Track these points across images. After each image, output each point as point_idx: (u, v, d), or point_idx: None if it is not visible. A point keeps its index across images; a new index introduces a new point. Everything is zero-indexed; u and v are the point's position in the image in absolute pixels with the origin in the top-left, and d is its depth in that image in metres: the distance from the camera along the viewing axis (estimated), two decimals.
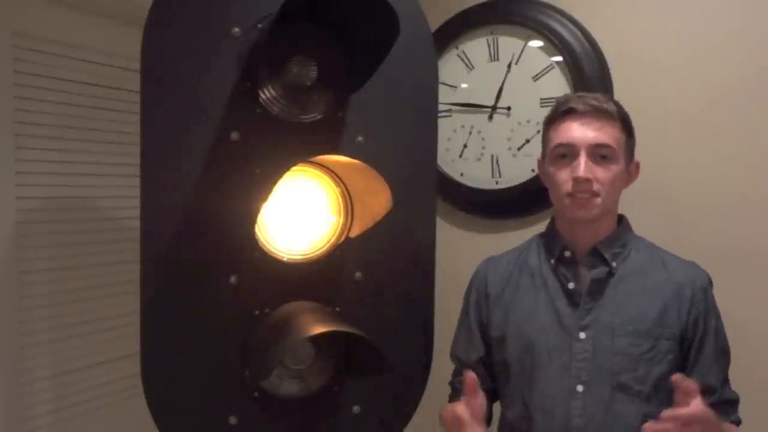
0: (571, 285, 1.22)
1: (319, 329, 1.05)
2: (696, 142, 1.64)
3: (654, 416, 1.04)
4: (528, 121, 1.89)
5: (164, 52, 1.07)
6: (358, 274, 1.23)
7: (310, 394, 1.20)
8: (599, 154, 1.18)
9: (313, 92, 1.15)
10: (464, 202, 1.98)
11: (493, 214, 1.95)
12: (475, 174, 1.95)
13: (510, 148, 1.91)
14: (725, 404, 1.20)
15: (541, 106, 1.87)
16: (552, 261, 1.25)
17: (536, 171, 1.88)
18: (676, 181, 1.65)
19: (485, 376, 1.32)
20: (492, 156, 1.93)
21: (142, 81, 1.06)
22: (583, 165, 1.16)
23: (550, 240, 1.29)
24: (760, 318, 1.57)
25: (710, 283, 1.24)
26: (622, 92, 1.73)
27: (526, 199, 1.91)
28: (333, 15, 1.11)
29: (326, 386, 1.21)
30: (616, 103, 1.23)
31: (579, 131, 1.18)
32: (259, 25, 1.10)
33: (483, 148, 1.94)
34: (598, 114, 1.19)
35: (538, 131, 1.88)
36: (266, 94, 1.12)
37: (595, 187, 1.17)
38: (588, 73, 1.77)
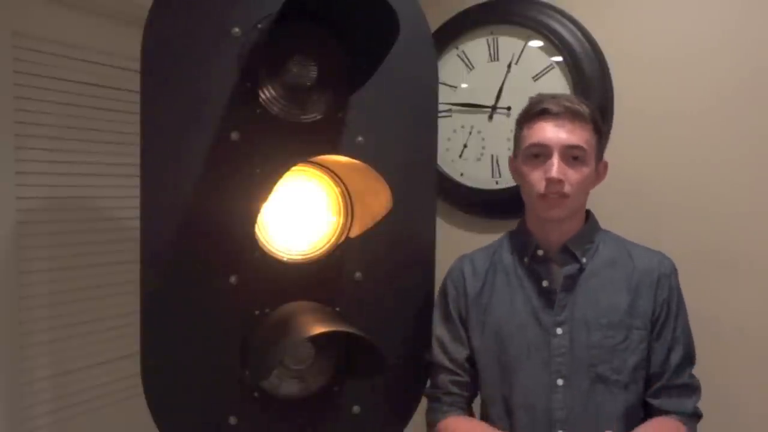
0: (545, 283, 1.25)
1: (319, 329, 1.05)
2: (696, 142, 1.64)
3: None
4: None
5: (164, 52, 1.07)
6: (358, 274, 1.23)
7: (310, 394, 1.20)
8: (571, 155, 1.20)
9: (313, 92, 1.15)
10: (464, 202, 1.98)
11: (493, 214, 1.95)
12: (475, 174, 1.94)
13: (510, 149, 1.91)
14: (680, 388, 1.23)
15: None
16: (525, 259, 1.28)
17: None
18: (675, 180, 1.65)
19: (474, 373, 1.32)
20: (492, 156, 1.92)
21: (142, 81, 1.06)
22: (556, 166, 1.18)
23: (522, 238, 1.31)
24: (747, 319, 1.57)
25: (675, 271, 1.26)
26: (622, 92, 1.73)
27: None
28: (333, 15, 1.11)
29: (326, 386, 1.21)
30: (589, 105, 1.26)
31: (553, 132, 1.20)
32: (259, 25, 1.10)
33: (483, 148, 1.94)
34: (571, 115, 1.21)
35: None
36: (266, 94, 1.12)
37: (566, 188, 1.19)
38: (588, 73, 1.76)
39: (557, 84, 1.81)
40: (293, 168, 1.08)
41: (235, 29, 1.10)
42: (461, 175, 1.96)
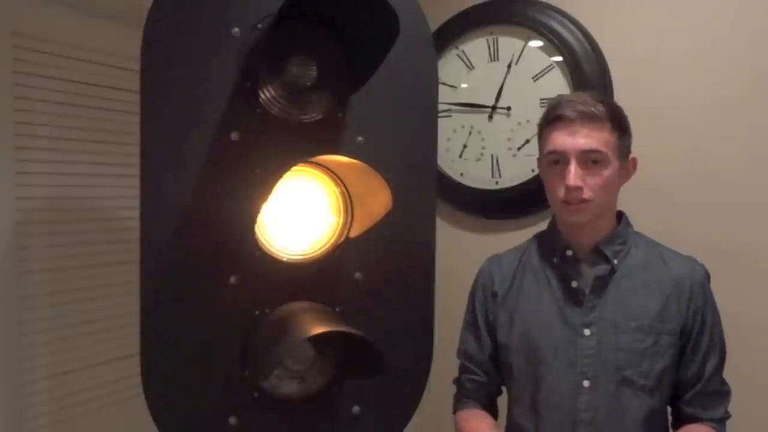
0: (574, 283, 1.24)
1: (318, 329, 1.05)
2: (695, 142, 1.64)
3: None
4: (528, 121, 1.89)
5: (164, 52, 1.07)
6: (358, 274, 1.23)
7: (310, 394, 1.20)
8: (590, 159, 1.20)
9: (313, 92, 1.15)
10: (464, 202, 1.98)
11: (492, 214, 1.95)
12: (474, 174, 1.95)
13: (510, 149, 1.91)
14: (711, 395, 1.23)
15: (541, 106, 1.87)
16: (554, 260, 1.28)
17: (536, 171, 1.89)
18: (675, 180, 1.66)
19: (494, 374, 1.36)
20: (492, 156, 1.93)
21: (142, 81, 1.06)
22: (572, 173, 1.18)
23: (551, 239, 1.31)
24: (757, 315, 1.57)
25: (708, 278, 1.26)
26: (621, 92, 1.73)
27: (526, 199, 1.91)
28: (333, 15, 1.11)
29: (326, 386, 1.21)
30: (607, 103, 1.24)
31: (568, 139, 1.20)
32: (259, 25, 1.10)
33: (483, 148, 1.94)
34: (587, 119, 1.20)
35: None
36: (266, 94, 1.12)
37: (586, 194, 1.19)
38: (588, 73, 1.77)
39: (557, 84, 1.81)
40: (293, 168, 1.08)
41: (235, 29, 1.10)
42: (461, 175, 1.96)
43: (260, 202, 1.03)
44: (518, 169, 1.91)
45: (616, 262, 1.24)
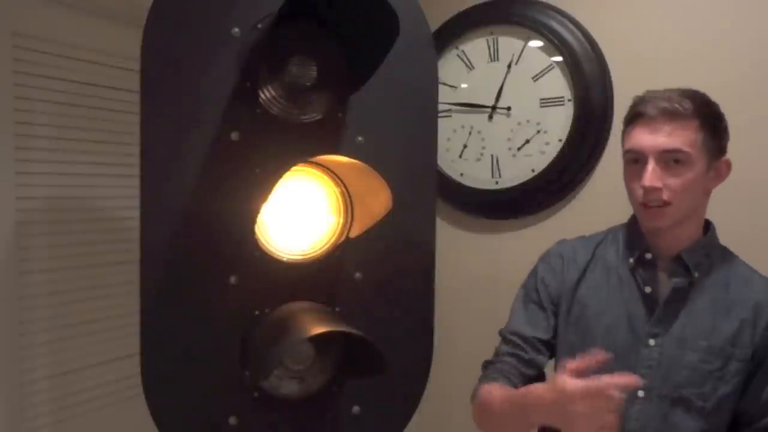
0: (647, 289, 1.18)
1: (318, 329, 1.05)
2: None
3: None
4: (528, 121, 1.89)
5: (164, 52, 1.07)
6: (358, 274, 1.23)
7: (310, 394, 1.20)
8: (672, 159, 1.12)
9: (313, 92, 1.15)
10: (464, 202, 1.98)
11: (492, 214, 1.95)
12: (474, 174, 1.95)
13: (510, 149, 1.91)
14: None
15: (541, 106, 1.87)
16: (631, 260, 1.21)
17: (536, 171, 1.89)
18: None
19: (544, 355, 1.26)
20: (492, 156, 1.93)
21: (142, 81, 1.06)
22: (650, 173, 1.11)
23: (632, 238, 1.24)
24: None
25: None
26: (621, 92, 1.73)
27: (526, 199, 1.91)
28: (333, 15, 1.11)
29: (326, 386, 1.21)
30: (695, 99, 1.16)
31: (648, 137, 1.13)
32: (259, 25, 1.10)
33: (483, 148, 1.94)
34: (669, 117, 1.13)
35: (538, 131, 1.88)
36: (266, 94, 1.12)
37: (666, 195, 1.12)
38: (588, 73, 1.77)
39: (557, 84, 1.81)
40: (293, 168, 1.08)
41: (235, 29, 1.10)
42: (461, 175, 1.96)
43: (260, 202, 1.03)
44: (518, 169, 1.90)
45: (696, 275, 1.16)
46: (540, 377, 1.29)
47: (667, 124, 1.13)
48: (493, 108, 1.92)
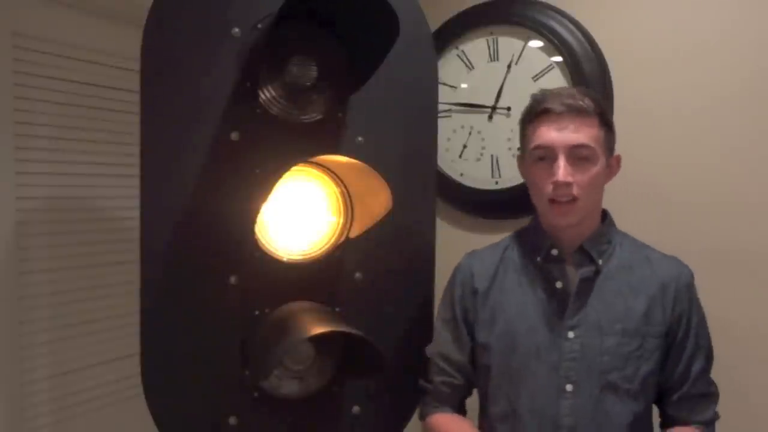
0: (558, 284, 1.20)
1: (318, 329, 1.06)
2: (695, 142, 1.64)
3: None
4: None
5: (164, 52, 1.07)
6: (358, 274, 1.23)
7: (310, 394, 1.20)
8: (578, 155, 1.15)
9: (313, 92, 1.15)
10: (464, 202, 1.98)
11: (492, 214, 1.95)
12: (474, 174, 1.94)
13: (510, 149, 1.91)
14: (698, 397, 1.20)
15: None
16: (538, 259, 1.24)
17: None
18: (675, 180, 1.65)
19: (471, 376, 1.30)
20: (492, 156, 1.92)
21: (142, 81, 1.06)
22: (562, 169, 1.13)
23: (535, 237, 1.27)
24: (747, 315, 1.57)
25: (692, 278, 1.23)
26: (621, 92, 1.73)
27: (526, 200, 1.89)
28: (333, 15, 1.11)
29: (326, 386, 1.21)
30: (593, 98, 1.19)
31: (557, 133, 1.15)
32: (259, 25, 1.10)
33: (483, 148, 1.94)
34: (575, 113, 1.15)
35: None
36: (266, 94, 1.12)
37: (575, 190, 1.14)
38: (588, 73, 1.77)
39: (557, 84, 1.81)
40: (293, 168, 1.08)
41: (235, 29, 1.10)
42: (461, 175, 1.96)
43: (260, 202, 1.03)
44: (518, 170, 1.90)
45: (601, 262, 1.20)
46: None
47: (573, 121, 1.15)
48: (493, 108, 1.91)
